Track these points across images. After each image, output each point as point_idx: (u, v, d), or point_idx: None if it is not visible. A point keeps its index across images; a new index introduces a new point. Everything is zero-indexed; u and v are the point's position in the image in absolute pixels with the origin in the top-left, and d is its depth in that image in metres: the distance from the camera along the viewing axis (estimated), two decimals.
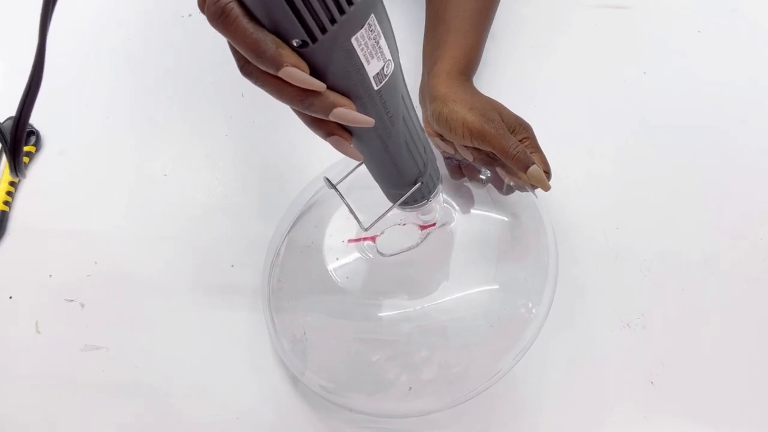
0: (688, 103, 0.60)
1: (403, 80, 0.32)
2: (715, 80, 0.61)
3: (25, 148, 0.59)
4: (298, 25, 0.25)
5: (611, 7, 0.66)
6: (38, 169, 0.59)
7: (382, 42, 0.28)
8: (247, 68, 0.27)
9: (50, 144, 0.60)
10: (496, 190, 0.50)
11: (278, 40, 0.25)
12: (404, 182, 0.38)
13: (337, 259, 0.51)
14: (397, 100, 0.32)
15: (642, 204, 0.55)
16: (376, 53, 0.28)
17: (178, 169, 0.58)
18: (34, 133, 0.61)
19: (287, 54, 0.26)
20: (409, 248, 0.49)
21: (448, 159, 0.52)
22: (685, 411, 0.46)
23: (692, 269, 0.51)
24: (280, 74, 0.26)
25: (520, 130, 0.46)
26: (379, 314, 0.48)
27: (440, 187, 0.41)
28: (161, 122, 0.61)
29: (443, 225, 0.50)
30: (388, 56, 0.29)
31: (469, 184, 0.52)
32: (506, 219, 0.50)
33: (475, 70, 0.52)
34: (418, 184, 0.38)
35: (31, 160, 0.60)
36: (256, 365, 0.49)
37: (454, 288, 0.48)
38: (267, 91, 0.28)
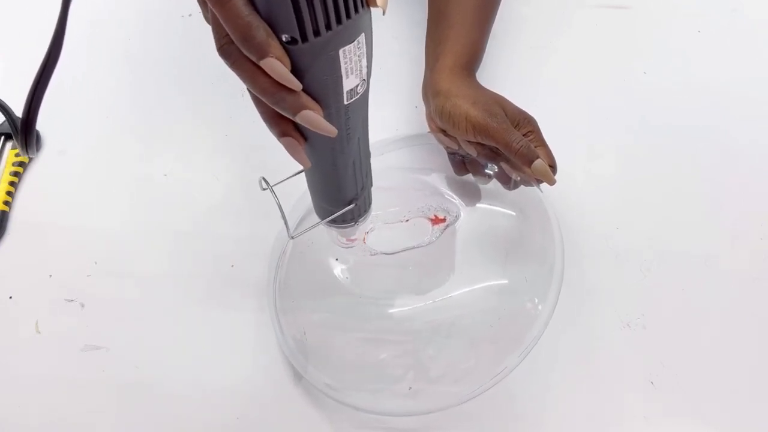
0: (688, 103, 0.60)
1: (367, 106, 0.33)
2: (715, 80, 0.61)
3: None
4: (295, 22, 0.25)
5: (611, 7, 0.66)
6: (38, 169, 0.59)
7: (364, 61, 0.29)
8: (227, 49, 0.27)
9: (50, 144, 0.60)
10: (502, 186, 0.50)
11: (269, 30, 0.25)
12: (340, 200, 0.38)
13: (337, 259, 0.51)
14: (359, 120, 0.32)
15: (642, 204, 0.55)
16: (356, 70, 0.28)
17: (179, 170, 0.58)
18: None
19: (275, 45, 0.25)
20: (420, 245, 0.49)
21: (451, 155, 0.52)
22: (685, 411, 0.46)
23: (692, 269, 0.51)
24: (262, 64, 0.26)
25: (525, 123, 0.45)
26: (384, 313, 0.48)
27: (370, 213, 0.41)
28: (161, 122, 0.61)
29: (453, 221, 0.50)
30: (365, 76, 0.29)
31: (475, 180, 0.52)
32: (513, 214, 0.50)
33: (478, 65, 0.52)
34: (352, 206, 0.38)
35: (31, 159, 0.60)
36: (257, 364, 0.49)
37: (460, 285, 0.48)
38: (240, 77, 0.27)
